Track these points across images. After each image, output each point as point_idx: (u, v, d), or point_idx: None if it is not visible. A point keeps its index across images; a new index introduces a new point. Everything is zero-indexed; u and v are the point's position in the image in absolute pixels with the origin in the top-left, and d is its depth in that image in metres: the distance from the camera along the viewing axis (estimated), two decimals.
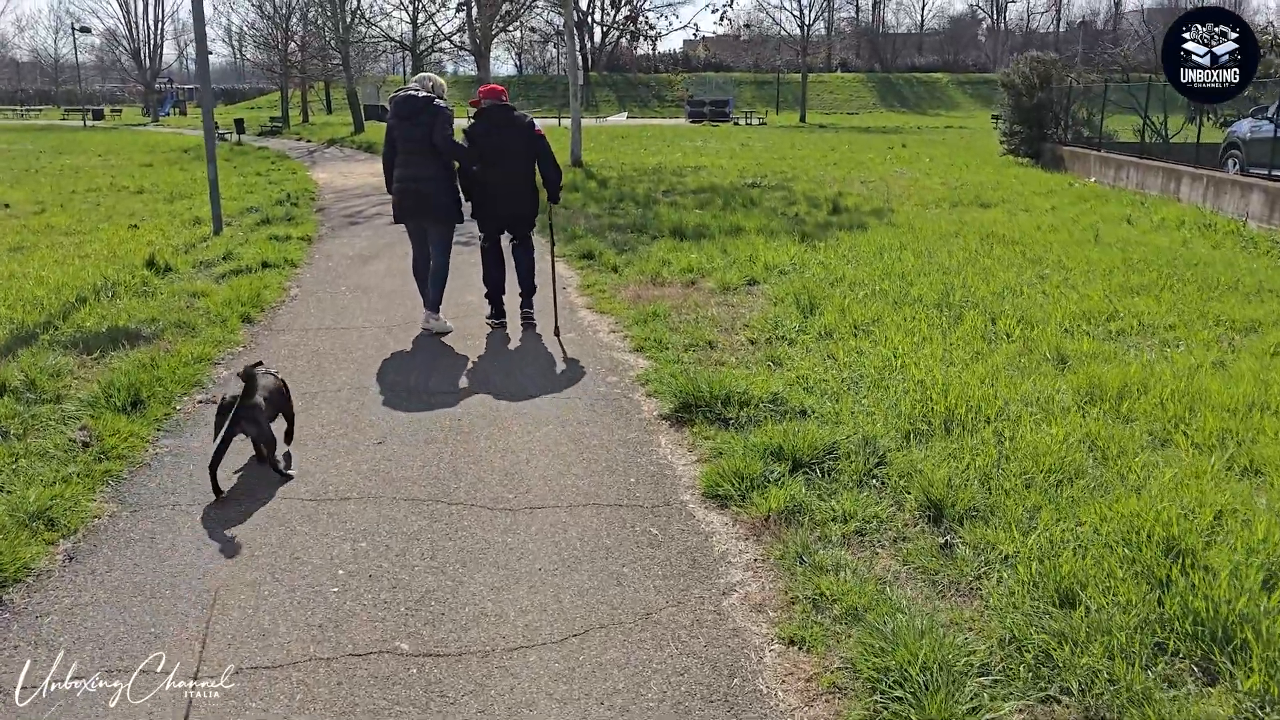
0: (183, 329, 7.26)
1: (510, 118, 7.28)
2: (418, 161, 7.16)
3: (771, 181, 18.76)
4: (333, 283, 9.37)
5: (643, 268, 9.55)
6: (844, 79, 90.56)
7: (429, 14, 36.10)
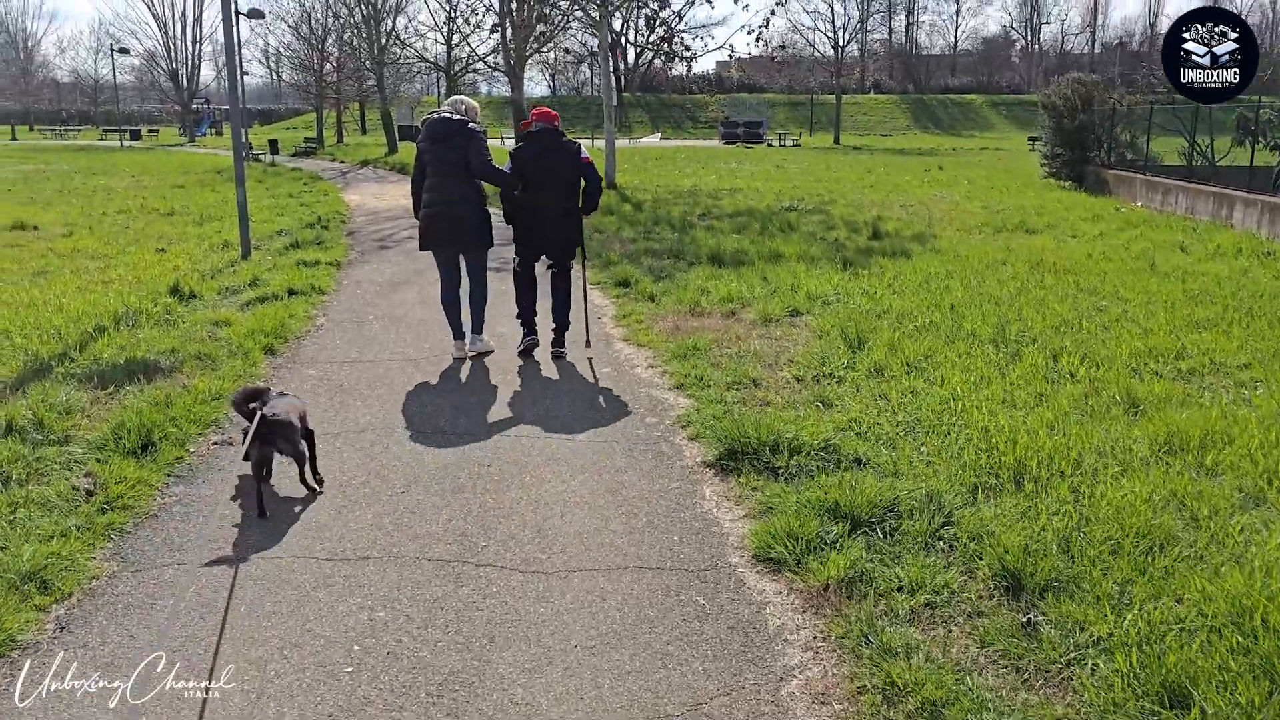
0: (202, 361, 6.99)
1: (560, 143, 7.12)
2: (450, 185, 6.95)
3: (809, 205, 18.38)
4: (360, 311, 9.09)
5: (681, 297, 9.20)
6: (877, 100, 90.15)
7: (463, 36, 36.15)
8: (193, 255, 12.17)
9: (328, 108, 57.24)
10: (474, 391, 6.49)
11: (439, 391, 6.48)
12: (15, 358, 6.94)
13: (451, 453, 5.27)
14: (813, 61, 66.65)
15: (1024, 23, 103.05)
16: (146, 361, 6.93)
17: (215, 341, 7.55)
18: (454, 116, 6.98)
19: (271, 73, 63.41)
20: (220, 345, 7.41)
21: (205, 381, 6.32)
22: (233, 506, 4.55)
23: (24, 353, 7.05)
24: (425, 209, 7.07)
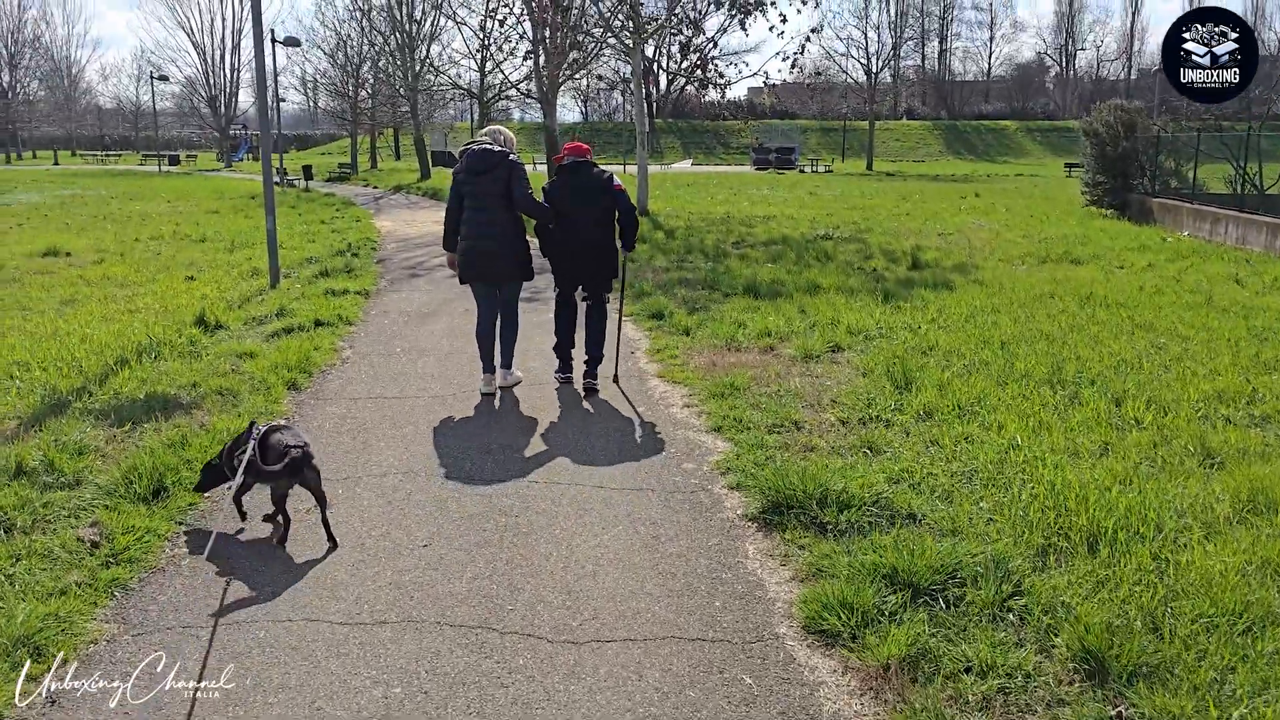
0: (224, 397, 6.76)
1: (591, 174, 7.07)
2: (489, 218, 6.82)
3: (845, 233, 18.05)
4: (387, 343, 8.86)
5: (716, 330, 8.89)
6: (910, 126, 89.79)
7: (497, 63, 36.25)
8: (221, 283, 12.03)
9: (362, 133, 57.78)
10: (502, 431, 6.20)
11: (466, 431, 6.20)
12: (34, 392, 6.74)
13: (478, 500, 4.97)
14: (845, 88, 66.45)
15: (1059, 49, 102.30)
16: (166, 397, 6.71)
17: (238, 375, 7.33)
18: (495, 148, 6.86)
19: (308, 99, 64.12)
20: (243, 380, 7.18)
21: (224, 420, 6.08)
22: (244, 559, 4.28)
23: (43, 386, 6.86)
24: (465, 241, 6.93)
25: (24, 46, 78.58)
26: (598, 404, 6.87)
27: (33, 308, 10.21)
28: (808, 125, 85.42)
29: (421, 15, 41.94)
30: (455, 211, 7.00)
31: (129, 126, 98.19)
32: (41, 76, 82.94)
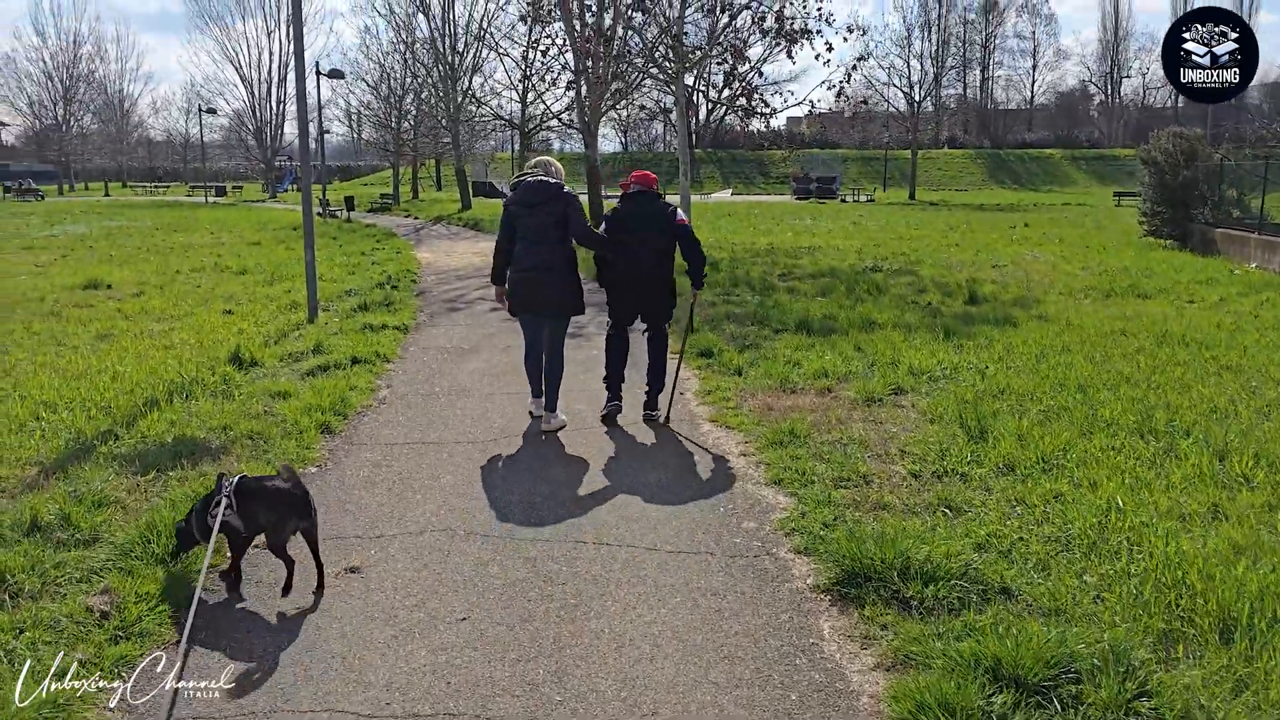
0: (254, 442, 6.42)
1: (654, 205, 7.03)
2: (543, 251, 6.72)
3: (894, 265, 17.54)
4: (426, 382, 8.50)
5: (769, 370, 8.44)
6: (952, 155, 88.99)
7: (538, 93, 36.27)
8: (259, 317, 11.80)
9: (404, 164, 58.21)
10: (547, 482, 5.78)
11: (509, 482, 5.79)
12: (58, 435, 6.45)
13: (521, 564, 4.55)
14: (887, 117, 65.89)
15: (1104, 76, 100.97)
16: (195, 441, 6.38)
17: (270, 418, 6.99)
18: (550, 180, 6.78)
19: (352, 130, 64.77)
20: (275, 423, 6.85)
21: (253, 468, 5.72)
22: (263, 631, 3.88)
23: (69, 429, 6.56)
24: (517, 274, 6.82)
25: (78, 81, 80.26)
26: (648, 451, 6.44)
27: (68, 343, 10.00)
28: (848, 154, 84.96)
29: (464, 47, 42.16)
30: (506, 244, 6.88)
31: (178, 159, 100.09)
32: (95, 110, 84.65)
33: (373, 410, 7.50)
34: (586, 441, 6.67)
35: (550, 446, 6.56)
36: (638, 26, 22.13)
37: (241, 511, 4.11)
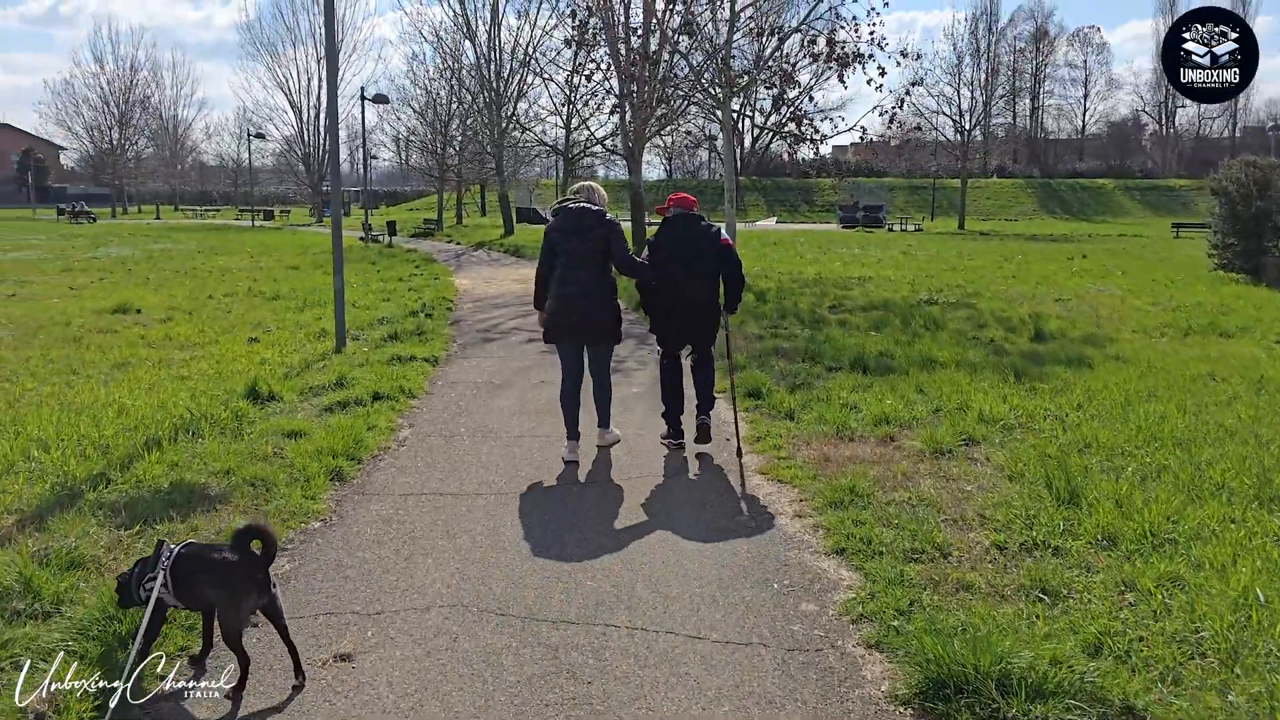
0: (257, 489, 5.83)
1: (699, 228, 6.90)
2: (584, 277, 6.60)
3: (950, 297, 16.71)
4: (451, 422, 7.88)
5: (824, 414, 7.71)
6: (1002, 184, 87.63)
7: (583, 119, 35.91)
8: (285, 346, 11.29)
9: (449, 190, 58.29)
10: (577, 545, 5.10)
11: (533, 544, 5.12)
12: (45, 479, 5.90)
13: (541, 653, 3.87)
14: (936, 145, 64.89)
15: (1158, 106, 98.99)
16: (193, 487, 5.81)
17: (278, 462, 6.40)
18: (593, 207, 6.70)
19: (399, 155, 65.10)
20: (282, 468, 6.25)
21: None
22: None
23: (58, 474, 6.01)
24: (556, 300, 6.66)
25: (133, 106, 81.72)
26: (690, 509, 5.74)
27: (83, 371, 9.54)
28: (895, 183, 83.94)
29: (509, 72, 42.03)
30: (547, 270, 6.75)
31: (230, 183, 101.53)
32: (149, 135, 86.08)
33: (390, 454, 6.88)
34: (621, 496, 5.99)
35: (582, 502, 5.89)
36: (684, 51, 21.62)
37: (183, 590, 3.49)
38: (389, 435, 7.32)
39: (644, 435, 7.43)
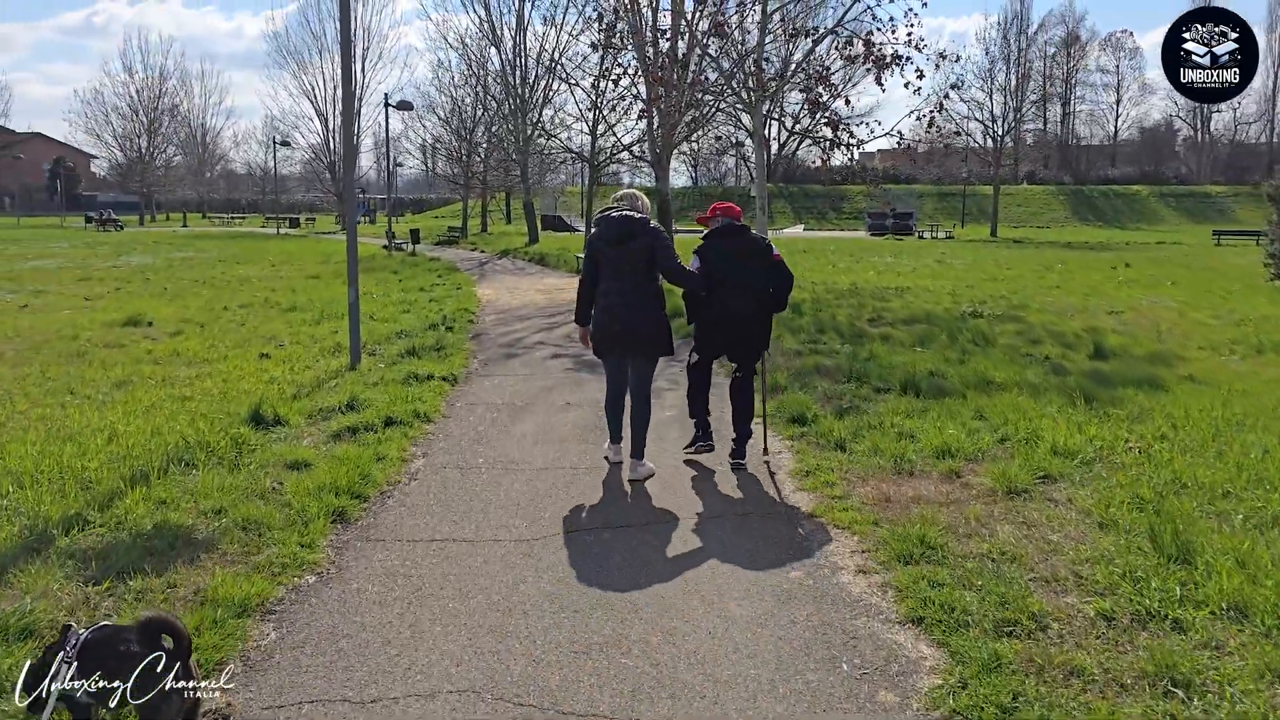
0: (248, 533, 5.19)
1: (748, 239, 6.71)
2: (629, 289, 6.38)
3: (995, 309, 15.91)
4: (469, 451, 7.22)
5: (879, 443, 6.99)
6: (1033, 191, 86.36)
7: (609, 125, 35.28)
8: (297, 363, 10.69)
9: (474, 197, 57.87)
10: (608, 610, 4.41)
11: (557, 608, 4.43)
12: (14, 521, 5.28)
13: None
14: (967, 151, 63.84)
15: (1192, 111, 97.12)
16: (178, 530, 5.18)
17: (276, 500, 5.76)
18: (635, 215, 6.43)
19: (426, 163, 64.80)
20: (279, 507, 5.61)
21: (231, 582, 4.46)
22: None
23: (30, 514, 5.39)
24: (602, 312, 6.48)
25: (162, 114, 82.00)
26: (738, 562, 5.02)
27: (80, 391, 8.96)
28: (924, 190, 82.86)
29: (534, 79, 41.50)
30: (590, 282, 6.53)
31: (258, 191, 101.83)
32: (177, 143, 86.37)
33: (400, 490, 6.21)
34: (656, 544, 5.29)
35: (610, 553, 5.19)
36: (714, 54, 20.94)
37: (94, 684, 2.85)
38: (400, 467, 6.67)
39: (681, 470, 6.74)
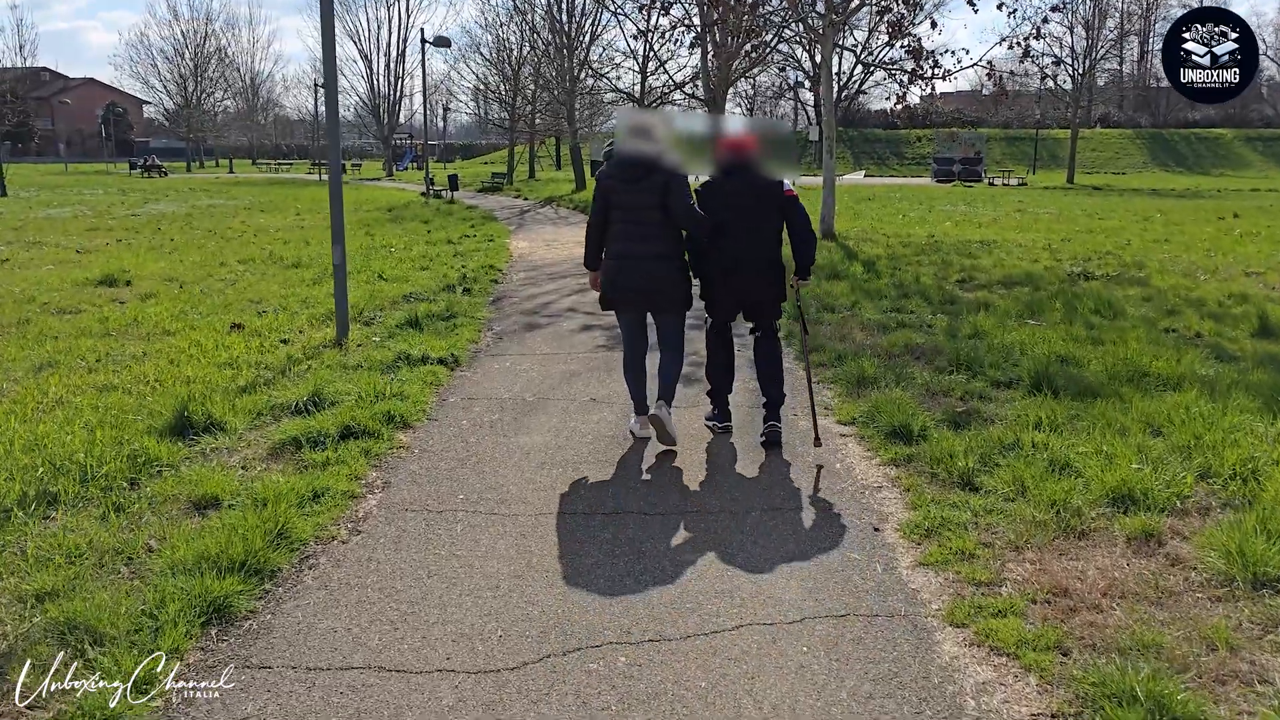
0: (68, 638, 3.30)
1: (756, 178, 5.78)
2: (643, 233, 5.61)
3: (1107, 269, 13.53)
4: (446, 479, 5.25)
5: (1022, 477, 4.88)
6: (1108, 135, 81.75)
7: (660, 62, 32.83)
8: (273, 335, 8.83)
9: (521, 142, 55.67)
10: None
11: None
12: None
13: None
14: (1039, 93, 59.94)
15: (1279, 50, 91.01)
16: None
17: (133, 580, 3.87)
18: (648, 150, 5.54)
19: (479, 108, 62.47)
20: (130, 591, 3.71)
21: None
22: None
23: None
24: (611, 260, 5.73)
25: (208, 58, 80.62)
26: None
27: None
28: (990, 134, 78.80)
29: (580, 15, 39.08)
30: (600, 225, 5.76)
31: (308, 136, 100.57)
32: (226, 88, 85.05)
33: (328, 556, 4.26)
34: (701, 680, 3.30)
35: (634, 701, 3.21)
36: None
37: None
38: (341, 511, 4.72)
39: (739, 524, 4.72)
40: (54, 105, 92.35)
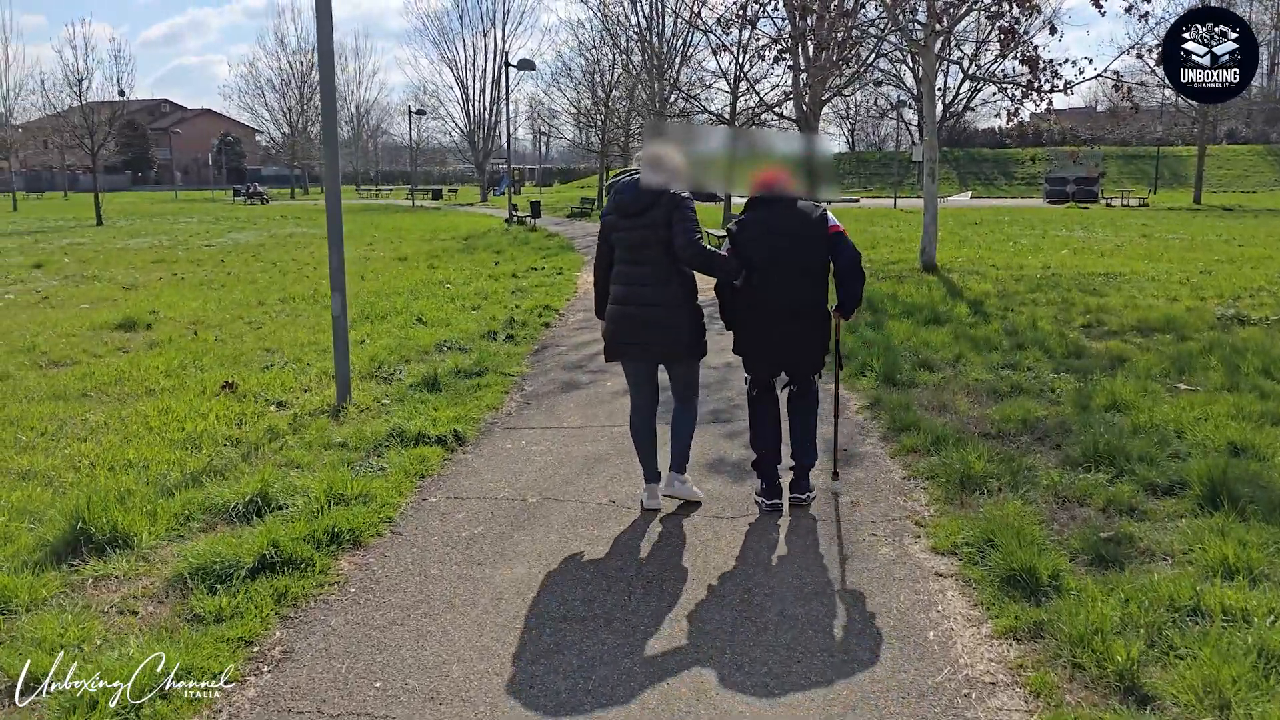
0: None
1: (793, 211, 4.99)
2: (645, 275, 4.97)
3: (1264, 309, 11.42)
4: (369, 652, 3.79)
5: (1217, 679, 3.17)
6: (1235, 151, 76.75)
7: (751, 83, 31.31)
8: (264, 398, 7.60)
9: (615, 166, 54.86)
10: None
11: None
12: None
13: None
14: (1162, 107, 56.25)
15: None
16: None
17: None
18: (652, 180, 4.88)
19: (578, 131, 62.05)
20: None
21: None
22: None
23: None
24: (612, 304, 5.10)
25: (314, 88, 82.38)
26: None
27: None
28: (1106, 152, 74.77)
29: (672, 34, 37.92)
30: (604, 267, 5.18)
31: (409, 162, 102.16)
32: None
33: None
34: None
35: None
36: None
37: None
38: (190, 716, 3.30)
39: None
40: (171, 135, 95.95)
